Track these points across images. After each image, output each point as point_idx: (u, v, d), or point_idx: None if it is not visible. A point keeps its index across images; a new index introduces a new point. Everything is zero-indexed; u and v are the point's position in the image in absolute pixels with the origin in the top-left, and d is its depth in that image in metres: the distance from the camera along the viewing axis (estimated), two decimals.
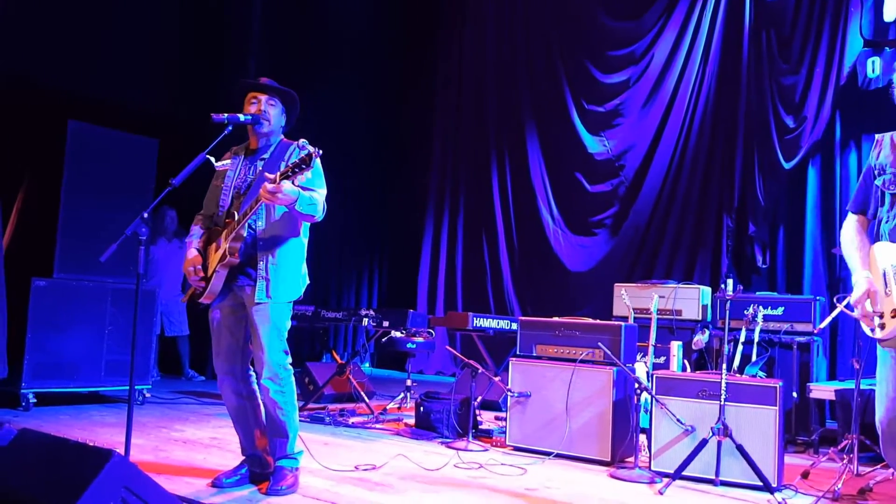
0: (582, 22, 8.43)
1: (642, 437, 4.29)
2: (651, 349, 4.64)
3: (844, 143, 6.70)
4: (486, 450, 4.50)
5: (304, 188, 3.19)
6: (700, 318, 5.73)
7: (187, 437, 4.45)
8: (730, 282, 4.62)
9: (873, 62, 6.40)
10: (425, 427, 4.90)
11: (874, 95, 6.28)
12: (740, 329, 4.84)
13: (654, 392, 4.07)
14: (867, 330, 2.66)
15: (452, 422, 4.78)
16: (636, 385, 4.16)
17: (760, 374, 4.83)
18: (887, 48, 6.25)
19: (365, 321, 5.87)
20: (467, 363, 4.78)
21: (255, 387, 3.42)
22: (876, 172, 2.68)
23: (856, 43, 6.49)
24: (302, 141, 3.06)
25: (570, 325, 4.62)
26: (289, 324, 3.38)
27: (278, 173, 3.09)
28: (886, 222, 2.59)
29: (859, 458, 4.04)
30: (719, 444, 3.77)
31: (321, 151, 3.03)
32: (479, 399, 5.24)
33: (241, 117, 3.31)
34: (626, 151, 8.03)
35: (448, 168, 9.49)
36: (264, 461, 3.46)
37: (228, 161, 3.46)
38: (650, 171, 7.82)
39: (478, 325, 5.70)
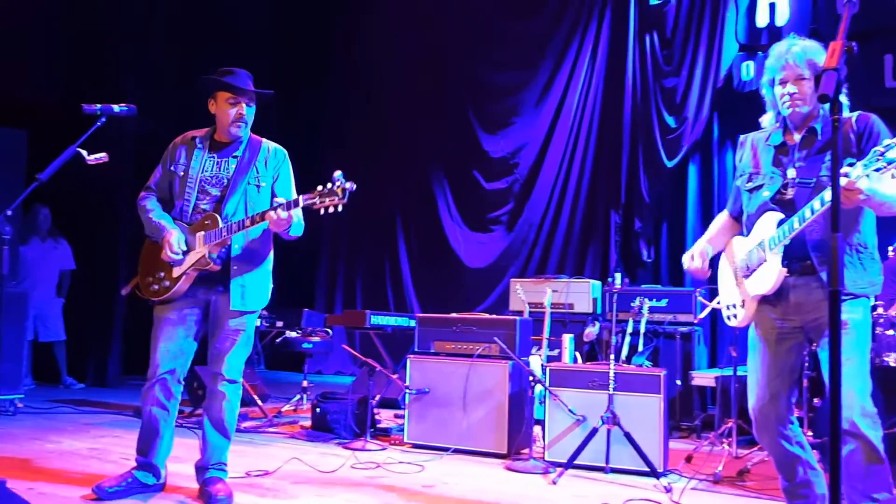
0: (478, 22, 8.51)
1: (537, 429, 4.38)
2: (545, 342, 4.74)
3: (722, 142, 7.09)
4: (385, 448, 4.46)
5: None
6: (591, 310, 5.91)
7: (64, 449, 4.17)
8: (618, 276, 4.76)
9: (748, 66, 6.80)
10: (322, 429, 4.81)
11: (749, 97, 6.65)
12: (628, 321, 5.02)
13: (547, 384, 4.16)
14: (725, 319, 2.83)
15: (350, 422, 4.71)
16: (531, 378, 4.24)
17: (647, 363, 5.02)
18: (760, 52, 6.64)
19: (257, 321, 5.67)
20: (365, 362, 4.72)
21: (179, 396, 3.38)
22: (738, 173, 2.86)
23: (732, 47, 6.87)
24: (337, 173, 3.01)
25: (467, 321, 4.65)
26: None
27: (301, 199, 3.06)
28: (747, 217, 2.77)
29: (738, 442, 4.27)
30: (609, 432, 3.90)
31: (354, 187, 2.99)
32: (378, 398, 5.18)
33: (116, 108, 3.12)
34: (520, 149, 8.18)
35: (345, 165, 9.31)
36: (158, 471, 3.35)
37: (103, 154, 3.23)
38: (543, 169, 8.00)
39: (376, 322, 5.64)
